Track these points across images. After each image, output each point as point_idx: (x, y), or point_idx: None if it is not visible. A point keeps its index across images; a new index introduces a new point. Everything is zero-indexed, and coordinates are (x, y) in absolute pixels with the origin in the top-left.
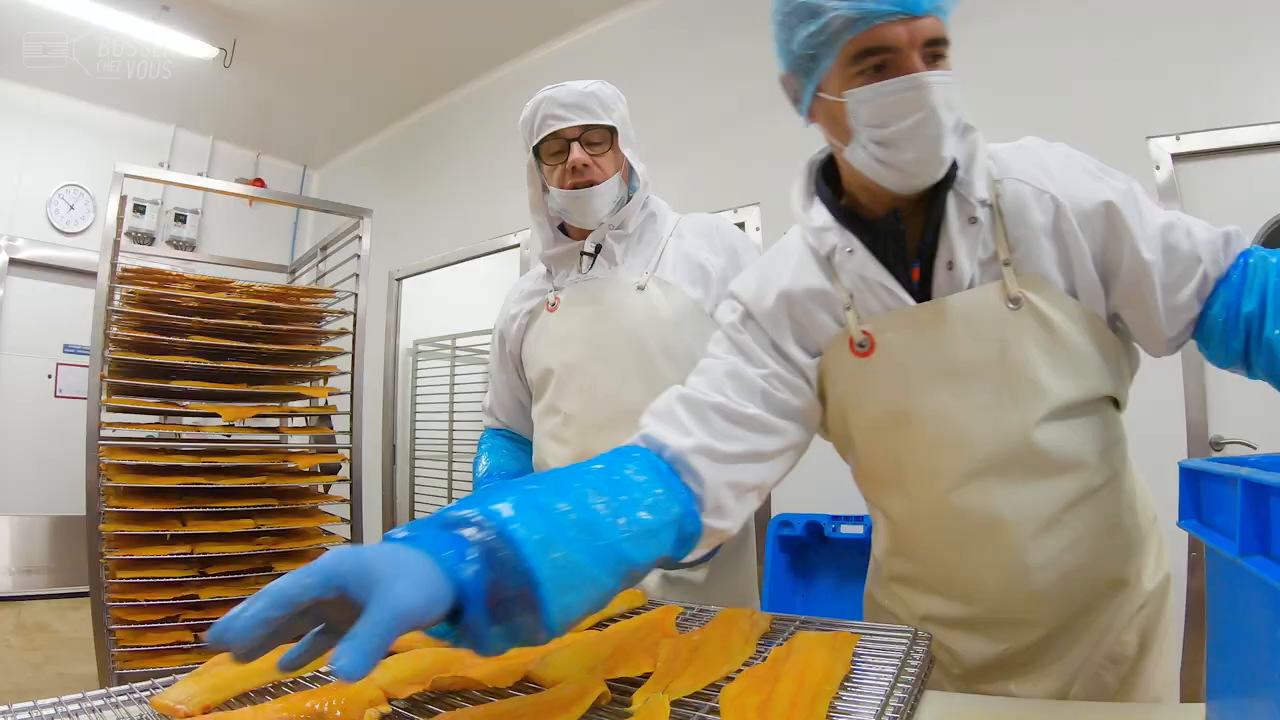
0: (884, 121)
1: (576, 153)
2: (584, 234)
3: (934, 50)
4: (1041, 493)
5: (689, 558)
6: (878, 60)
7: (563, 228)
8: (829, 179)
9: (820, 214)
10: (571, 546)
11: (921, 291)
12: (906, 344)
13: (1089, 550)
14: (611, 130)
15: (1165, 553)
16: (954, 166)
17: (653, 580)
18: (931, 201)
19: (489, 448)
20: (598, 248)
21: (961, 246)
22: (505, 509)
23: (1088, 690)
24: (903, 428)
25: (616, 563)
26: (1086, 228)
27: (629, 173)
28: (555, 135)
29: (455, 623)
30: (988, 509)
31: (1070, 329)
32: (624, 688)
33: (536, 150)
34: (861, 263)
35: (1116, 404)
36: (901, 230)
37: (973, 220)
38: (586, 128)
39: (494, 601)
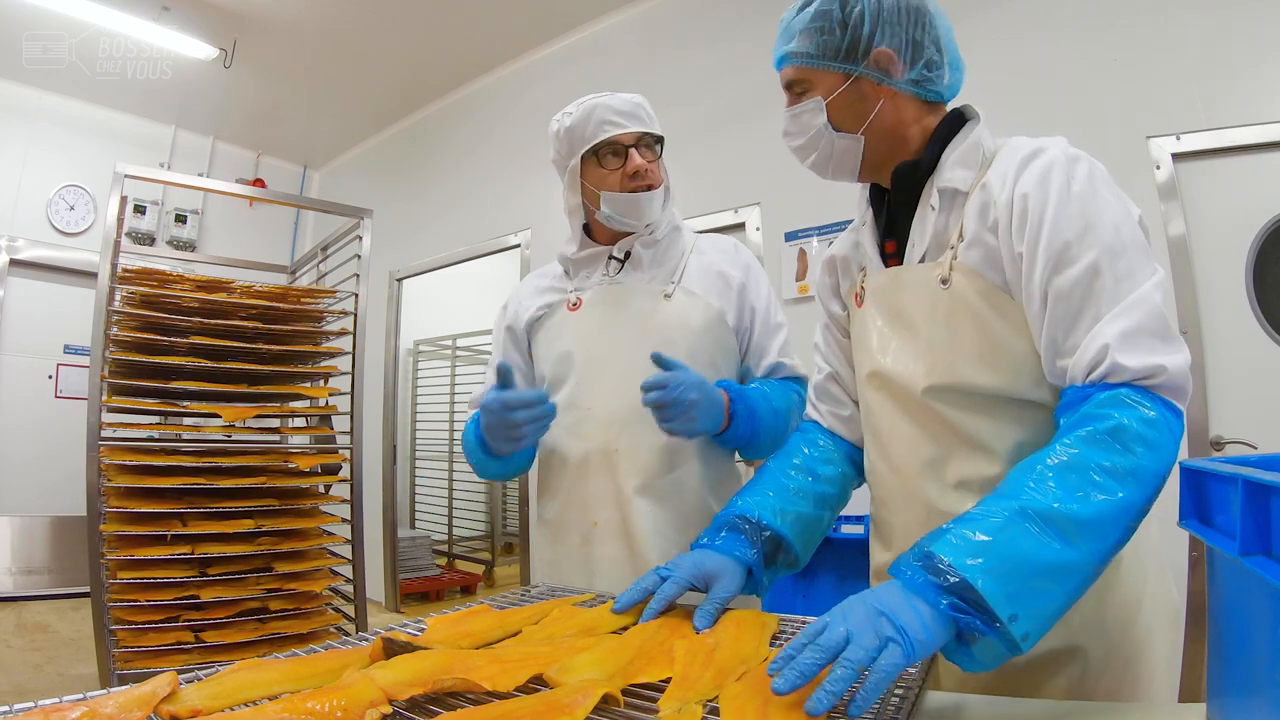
0: None
1: (637, 159)
2: (611, 239)
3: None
4: (945, 460)
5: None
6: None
7: (588, 231)
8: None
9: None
10: (794, 505)
11: (895, 259)
12: (875, 299)
13: None
14: (660, 140)
15: (1157, 597)
16: (939, 155)
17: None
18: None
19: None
20: (627, 254)
21: (917, 227)
22: (751, 504)
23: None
24: (864, 371)
25: (819, 499)
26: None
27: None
28: (612, 141)
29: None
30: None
31: (997, 324)
32: (648, 694)
33: (591, 154)
34: (864, 233)
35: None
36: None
37: (932, 207)
38: (642, 135)
39: (767, 561)
